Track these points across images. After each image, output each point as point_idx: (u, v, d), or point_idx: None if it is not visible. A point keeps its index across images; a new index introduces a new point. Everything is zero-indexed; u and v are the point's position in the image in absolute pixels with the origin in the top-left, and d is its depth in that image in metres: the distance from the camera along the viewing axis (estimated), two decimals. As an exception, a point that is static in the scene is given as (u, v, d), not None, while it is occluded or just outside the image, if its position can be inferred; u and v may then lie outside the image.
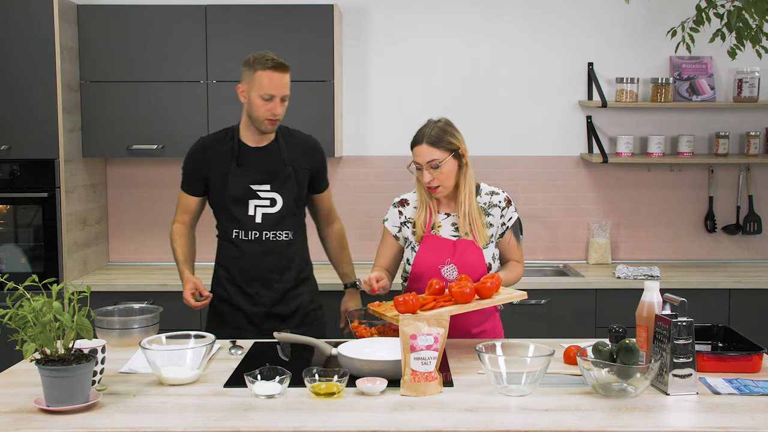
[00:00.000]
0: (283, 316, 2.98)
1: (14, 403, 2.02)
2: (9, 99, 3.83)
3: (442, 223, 2.77)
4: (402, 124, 4.36)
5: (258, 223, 2.92)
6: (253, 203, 2.91)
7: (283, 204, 2.92)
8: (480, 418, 1.92)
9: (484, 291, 2.46)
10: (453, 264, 2.70)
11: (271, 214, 2.92)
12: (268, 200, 2.92)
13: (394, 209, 2.85)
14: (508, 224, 2.79)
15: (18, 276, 2.85)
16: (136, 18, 4.01)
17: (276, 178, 2.92)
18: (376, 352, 2.28)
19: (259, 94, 2.81)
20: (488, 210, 2.77)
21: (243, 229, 2.93)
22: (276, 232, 2.93)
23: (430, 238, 2.75)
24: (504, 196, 2.81)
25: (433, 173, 2.67)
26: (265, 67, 2.80)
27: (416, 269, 2.74)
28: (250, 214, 2.91)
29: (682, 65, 4.28)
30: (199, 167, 2.97)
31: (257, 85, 2.81)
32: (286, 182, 2.93)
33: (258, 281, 2.96)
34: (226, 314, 3.00)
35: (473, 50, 4.37)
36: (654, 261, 4.40)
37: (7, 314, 1.94)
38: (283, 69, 2.82)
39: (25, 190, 3.88)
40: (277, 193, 2.92)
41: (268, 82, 2.80)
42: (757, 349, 2.34)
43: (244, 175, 2.91)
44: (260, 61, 2.81)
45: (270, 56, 2.82)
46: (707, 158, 4.27)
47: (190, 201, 3.04)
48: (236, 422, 1.90)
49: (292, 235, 2.96)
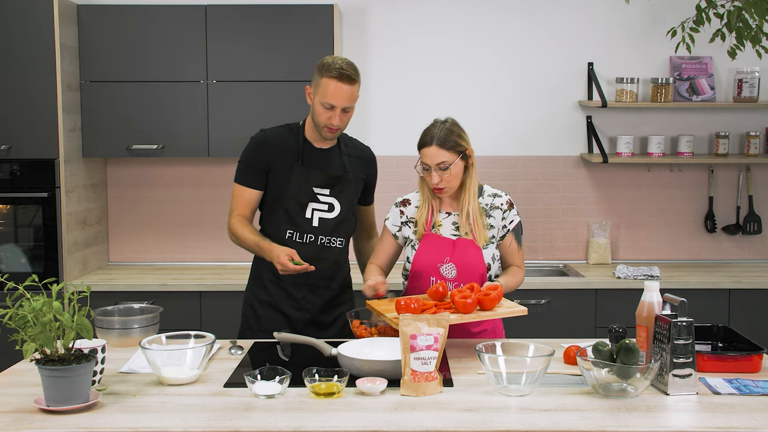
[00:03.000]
0: (325, 324, 2.91)
1: (14, 403, 2.02)
2: (9, 99, 3.83)
3: (442, 222, 2.77)
4: (402, 124, 4.37)
5: (315, 226, 2.83)
6: (312, 206, 2.83)
7: (340, 210, 2.86)
8: (480, 418, 1.92)
9: (486, 303, 2.45)
10: (452, 263, 2.71)
11: (328, 219, 2.84)
12: (327, 205, 2.85)
13: (395, 209, 2.86)
14: (510, 227, 2.79)
15: (18, 276, 2.85)
16: (136, 18, 4.01)
17: (338, 183, 2.85)
18: (376, 352, 2.28)
19: (320, 101, 2.73)
20: (489, 212, 2.77)
21: (299, 231, 2.83)
22: (331, 238, 2.86)
23: (430, 236, 2.75)
24: (506, 198, 2.81)
25: (441, 175, 2.66)
26: (330, 76, 2.70)
27: (416, 267, 2.75)
28: (307, 216, 2.83)
29: (682, 65, 4.28)
30: (264, 159, 2.84)
31: (321, 91, 2.72)
32: (346, 189, 2.87)
33: (307, 286, 2.87)
34: (265, 317, 2.91)
35: (473, 50, 4.38)
36: (654, 261, 4.40)
37: (7, 314, 1.94)
38: (349, 81, 2.71)
39: (25, 190, 3.88)
40: (335, 199, 2.85)
41: (332, 91, 2.70)
42: (757, 349, 2.34)
43: (308, 177, 2.82)
44: (328, 68, 2.71)
45: (339, 64, 2.71)
46: (707, 158, 4.27)
47: (252, 195, 2.87)
48: (236, 422, 1.90)
49: (344, 242, 2.91)
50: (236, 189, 2.89)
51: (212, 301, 3.88)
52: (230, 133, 4.05)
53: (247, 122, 4.02)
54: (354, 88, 2.74)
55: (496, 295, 2.48)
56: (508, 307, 2.53)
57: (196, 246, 4.44)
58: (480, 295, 2.47)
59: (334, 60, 2.74)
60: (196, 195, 4.42)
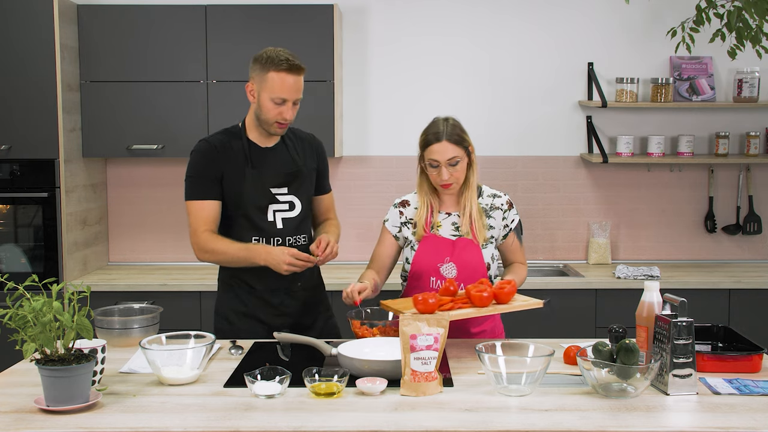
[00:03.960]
0: (305, 327, 2.80)
1: (14, 403, 2.02)
2: (9, 99, 3.83)
3: (442, 222, 2.77)
4: (402, 124, 4.37)
5: (279, 228, 2.72)
6: (273, 208, 2.72)
7: (301, 207, 2.77)
8: (480, 418, 1.92)
9: (502, 296, 2.46)
10: (452, 262, 2.71)
11: (291, 219, 2.75)
12: (287, 204, 2.74)
13: (394, 209, 2.85)
14: (511, 226, 2.80)
15: (18, 276, 2.85)
16: (136, 18, 4.01)
17: (294, 180, 2.75)
18: (376, 352, 2.28)
19: (270, 96, 2.61)
20: (489, 212, 2.78)
21: (264, 236, 2.71)
22: (296, 237, 2.77)
23: (429, 237, 2.75)
24: (506, 198, 2.81)
25: (451, 171, 2.66)
26: (278, 69, 2.59)
27: (415, 268, 2.74)
28: (270, 219, 2.71)
29: (682, 65, 4.28)
30: (215, 167, 2.68)
31: (269, 87, 2.61)
32: (303, 184, 2.78)
33: (283, 290, 2.78)
34: (243, 328, 2.78)
35: (473, 50, 4.37)
36: (654, 261, 4.40)
37: (7, 314, 1.94)
38: (297, 71, 2.62)
39: (25, 190, 3.88)
40: (294, 196, 2.76)
41: (281, 85, 2.60)
42: (757, 349, 2.33)
43: (262, 178, 2.70)
44: (274, 61, 2.60)
45: (284, 56, 2.60)
46: (707, 158, 4.27)
47: (213, 207, 2.69)
48: (236, 422, 1.90)
49: (308, 238, 2.82)
50: (192, 206, 2.69)
51: (212, 301, 3.83)
52: (230, 133, 4.04)
53: (247, 122, 4.02)
54: (302, 78, 2.65)
55: (510, 290, 2.48)
56: (523, 300, 2.54)
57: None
58: (496, 288, 2.47)
59: (277, 52, 2.62)
60: (196, 195, 4.42)
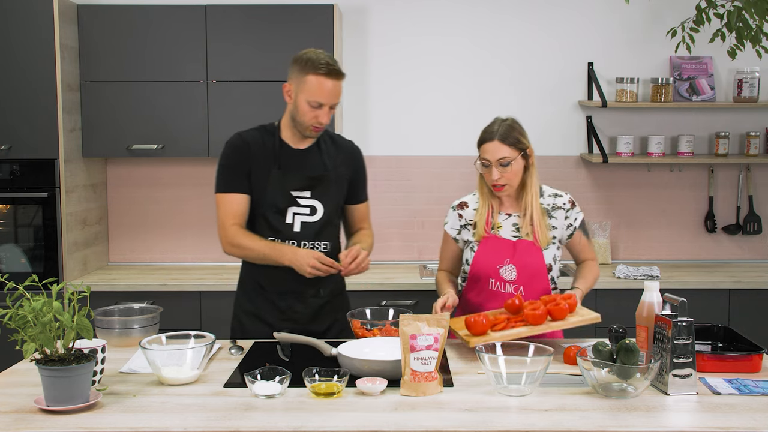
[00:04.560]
0: (317, 334, 2.68)
1: (14, 403, 2.02)
2: (9, 99, 3.83)
3: (502, 223, 2.75)
4: (401, 123, 4.36)
5: (296, 231, 2.70)
6: (292, 211, 2.69)
7: (323, 213, 2.72)
8: (480, 418, 1.92)
9: (557, 312, 2.42)
10: (512, 264, 2.69)
11: (310, 223, 2.71)
12: (308, 208, 2.71)
13: (453, 212, 2.83)
14: (575, 225, 2.78)
15: (18, 276, 2.84)
16: (136, 18, 4.01)
17: (318, 184, 2.71)
18: (376, 352, 2.28)
19: (307, 99, 2.59)
20: (551, 212, 2.76)
21: (280, 238, 2.70)
22: (315, 243, 2.72)
23: (489, 238, 2.73)
24: (568, 198, 2.79)
25: (501, 171, 2.65)
26: (318, 72, 2.56)
27: (475, 269, 2.73)
28: (288, 221, 2.69)
29: (682, 65, 4.28)
30: (245, 161, 2.69)
31: (306, 89, 2.58)
32: (328, 190, 2.73)
33: (292, 294, 2.74)
34: (251, 329, 2.77)
35: (473, 50, 4.37)
36: (654, 261, 4.40)
37: (7, 314, 1.94)
38: (337, 76, 2.59)
39: (25, 190, 3.88)
40: (318, 201, 2.71)
41: (319, 88, 2.57)
42: (757, 349, 2.34)
43: (285, 181, 2.69)
44: (313, 64, 2.57)
45: (324, 60, 2.57)
46: (707, 158, 4.27)
47: (242, 201, 2.69)
48: (236, 422, 1.90)
49: (330, 246, 2.76)
50: (222, 199, 2.71)
51: (212, 301, 3.87)
52: (230, 133, 3.97)
53: (247, 122, 3.97)
54: (341, 83, 2.63)
55: (568, 305, 2.44)
56: (580, 315, 2.48)
57: (196, 246, 4.44)
58: (551, 305, 2.43)
59: (318, 55, 2.60)
60: (196, 195, 4.42)
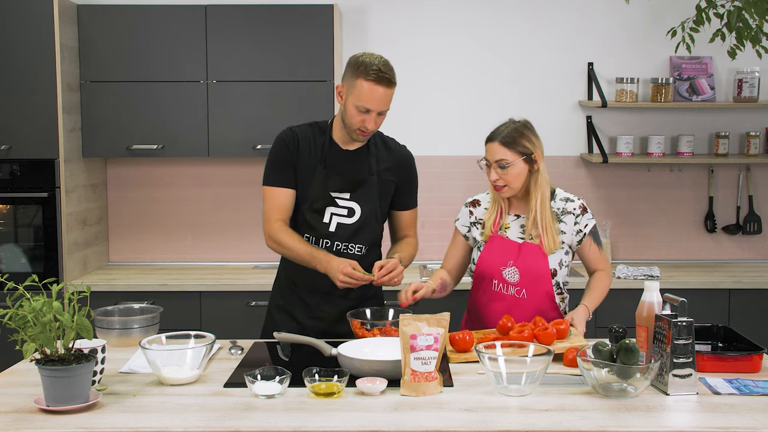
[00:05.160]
0: (340, 335, 2.68)
1: (14, 403, 2.02)
2: (9, 99, 3.83)
3: (510, 224, 2.75)
4: (401, 123, 4.35)
5: (332, 231, 2.69)
6: (330, 210, 2.68)
7: (361, 215, 2.70)
8: (480, 418, 1.92)
9: (543, 338, 2.38)
10: (515, 267, 2.68)
11: (346, 225, 2.69)
12: (346, 209, 2.69)
13: (465, 209, 2.84)
14: (585, 231, 2.74)
15: (18, 276, 2.84)
16: (136, 18, 4.01)
17: (359, 187, 2.69)
18: (376, 352, 2.28)
19: (355, 103, 2.57)
20: (561, 217, 2.73)
21: (315, 236, 2.70)
22: (349, 245, 2.70)
23: (496, 238, 2.73)
24: (579, 203, 2.76)
25: (499, 173, 2.65)
26: (368, 78, 2.54)
27: (480, 269, 2.73)
28: (325, 221, 2.69)
29: (682, 65, 4.28)
30: (292, 157, 2.68)
31: (356, 93, 2.56)
32: (369, 193, 2.71)
33: (321, 293, 2.74)
34: (281, 323, 2.79)
35: (473, 50, 4.37)
36: (654, 261, 4.40)
37: (7, 314, 1.94)
38: (387, 84, 2.56)
39: (25, 190, 3.88)
40: (356, 203, 2.70)
41: (368, 94, 2.55)
42: (757, 349, 2.34)
43: (327, 180, 2.68)
44: (365, 69, 2.55)
45: (376, 65, 2.55)
46: (707, 158, 4.27)
47: (288, 196, 2.69)
48: (236, 422, 1.90)
49: (365, 249, 2.73)
50: (268, 192, 2.71)
51: (212, 301, 3.88)
52: (230, 133, 4.05)
53: (247, 122, 4.03)
54: (392, 91, 2.59)
55: (557, 330, 2.42)
56: (569, 342, 2.43)
57: (196, 246, 4.44)
58: (539, 329, 2.41)
59: (372, 59, 2.58)
60: (196, 195, 4.42)
